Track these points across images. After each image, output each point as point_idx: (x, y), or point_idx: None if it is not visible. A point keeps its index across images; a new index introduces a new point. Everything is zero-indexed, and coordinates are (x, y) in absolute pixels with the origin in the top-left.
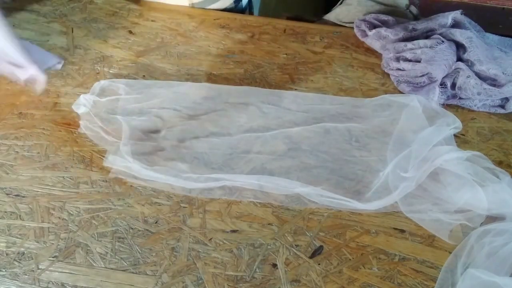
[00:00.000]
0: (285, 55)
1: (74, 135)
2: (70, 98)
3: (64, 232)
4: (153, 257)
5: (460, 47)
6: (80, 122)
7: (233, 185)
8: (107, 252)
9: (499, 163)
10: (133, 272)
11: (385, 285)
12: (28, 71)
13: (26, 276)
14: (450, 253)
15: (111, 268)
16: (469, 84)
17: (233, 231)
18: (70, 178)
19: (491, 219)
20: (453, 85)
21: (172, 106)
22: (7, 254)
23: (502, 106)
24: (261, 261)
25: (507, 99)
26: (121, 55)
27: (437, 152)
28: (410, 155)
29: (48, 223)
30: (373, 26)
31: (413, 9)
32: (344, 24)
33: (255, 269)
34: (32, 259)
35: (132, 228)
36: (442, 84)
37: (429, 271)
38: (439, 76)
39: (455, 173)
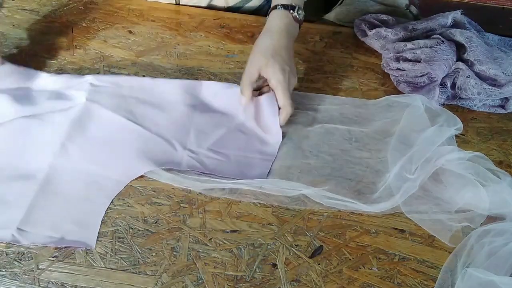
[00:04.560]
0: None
1: None
2: None
3: None
4: (153, 257)
5: (460, 47)
6: None
7: (235, 187)
8: (107, 252)
9: (499, 163)
10: (133, 272)
11: (385, 285)
12: None
13: (26, 276)
14: (450, 253)
15: (111, 268)
16: (469, 84)
17: (233, 231)
18: None
19: (491, 219)
20: (453, 85)
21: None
22: (7, 254)
23: (502, 106)
24: (261, 261)
25: (507, 99)
26: (121, 55)
27: (438, 152)
28: (413, 156)
29: None
30: (373, 26)
31: (413, 9)
32: (344, 24)
33: (255, 269)
34: (32, 259)
35: (132, 228)
36: (442, 84)
37: (429, 271)
38: (439, 76)
39: (457, 173)
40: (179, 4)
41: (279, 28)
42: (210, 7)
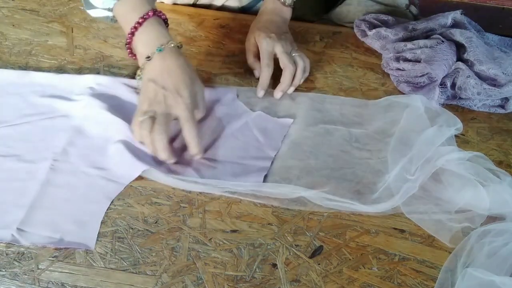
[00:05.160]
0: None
1: None
2: None
3: None
4: (153, 257)
5: (460, 47)
6: None
7: (234, 190)
8: (107, 252)
9: (499, 163)
10: (133, 272)
11: (385, 285)
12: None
13: (26, 276)
14: (450, 253)
15: (111, 268)
16: (469, 84)
17: (233, 231)
18: None
19: (491, 219)
20: (453, 85)
21: None
22: (7, 254)
23: (502, 106)
24: (261, 261)
25: (507, 99)
26: (121, 55)
27: (438, 152)
28: (413, 157)
29: None
30: (373, 26)
31: (413, 9)
32: (344, 24)
33: (255, 269)
34: (32, 259)
35: (132, 228)
36: (442, 84)
37: (429, 271)
38: (439, 76)
39: (457, 173)
40: (196, 5)
41: (268, 10)
42: (223, 8)
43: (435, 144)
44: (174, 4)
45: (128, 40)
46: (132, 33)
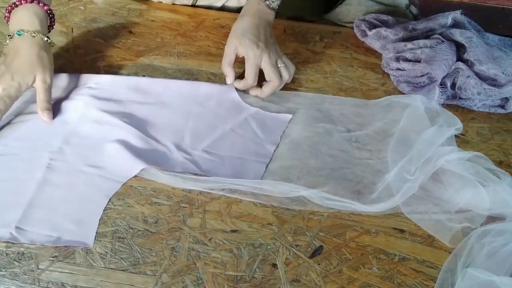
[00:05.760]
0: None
1: None
2: None
3: None
4: (153, 257)
5: (460, 47)
6: None
7: (234, 187)
8: (107, 252)
9: (499, 163)
10: (133, 272)
11: (385, 285)
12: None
13: (26, 276)
14: (450, 253)
15: (111, 268)
16: (469, 84)
17: (233, 231)
18: None
19: (491, 219)
20: (453, 85)
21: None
22: (7, 254)
23: (502, 106)
24: (261, 261)
25: (507, 99)
26: (121, 55)
27: (439, 152)
28: (412, 157)
29: None
30: (373, 26)
31: (413, 9)
32: (344, 24)
33: (255, 269)
34: (32, 259)
35: (132, 228)
36: (442, 84)
37: (429, 271)
38: (439, 76)
39: (457, 173)
40: (195, 6)
41: (251, 12)
42: (223, 8)
43: (435, 144)
44: (173, 4)
45: (7, 15)
46: (9, 11)
